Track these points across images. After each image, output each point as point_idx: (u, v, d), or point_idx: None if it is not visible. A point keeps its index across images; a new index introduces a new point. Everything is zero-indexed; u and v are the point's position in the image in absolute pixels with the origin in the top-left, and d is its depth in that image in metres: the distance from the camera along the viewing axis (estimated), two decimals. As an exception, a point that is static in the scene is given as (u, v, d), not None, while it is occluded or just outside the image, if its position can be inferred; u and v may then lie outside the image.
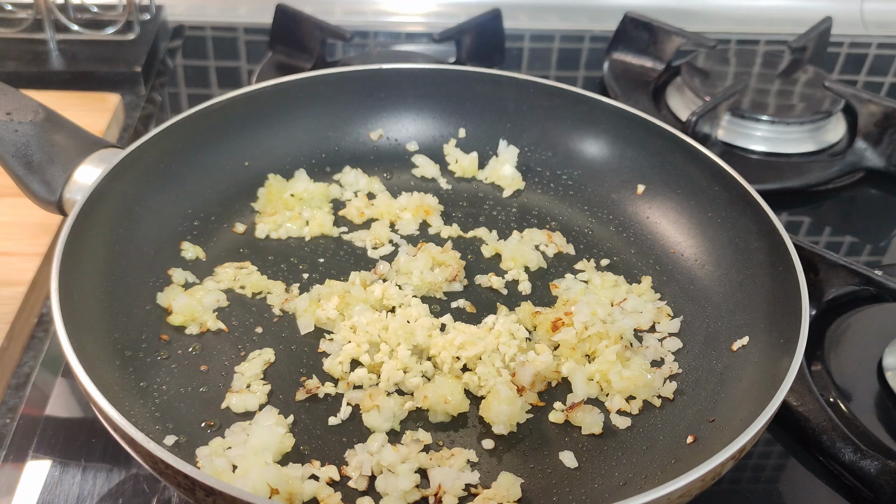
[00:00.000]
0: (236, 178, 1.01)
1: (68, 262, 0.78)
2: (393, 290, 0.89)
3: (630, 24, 1.41)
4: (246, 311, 0.89)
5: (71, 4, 1.37)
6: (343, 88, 1.07)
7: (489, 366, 0.82)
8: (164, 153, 0.95)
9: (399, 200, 1.03)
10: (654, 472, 0.74)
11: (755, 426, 0.68)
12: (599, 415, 0.80)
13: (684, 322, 0.90)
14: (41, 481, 0.79)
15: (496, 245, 0.98)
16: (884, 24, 1.63)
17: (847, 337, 0.96)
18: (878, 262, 1.11)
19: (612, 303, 0.91)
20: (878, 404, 0.89)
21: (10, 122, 0.88)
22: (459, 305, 0.91)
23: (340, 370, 0.82)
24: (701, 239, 0.96)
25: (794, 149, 1.26)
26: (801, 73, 1.36)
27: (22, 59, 1.32)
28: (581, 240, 1.01)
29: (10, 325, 0.90)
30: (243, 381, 0.81)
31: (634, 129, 1.03)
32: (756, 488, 0.83)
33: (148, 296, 0.88)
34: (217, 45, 1.48)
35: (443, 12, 1.57)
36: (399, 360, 0.81)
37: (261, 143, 1.03)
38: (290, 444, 0.75)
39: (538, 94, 1.07)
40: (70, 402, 0.87)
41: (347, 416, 0.79)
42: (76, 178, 0.88)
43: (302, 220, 0.99)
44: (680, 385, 0.83)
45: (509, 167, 1.06)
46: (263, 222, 0.99)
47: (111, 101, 1.24)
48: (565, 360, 0.84)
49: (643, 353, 0.86)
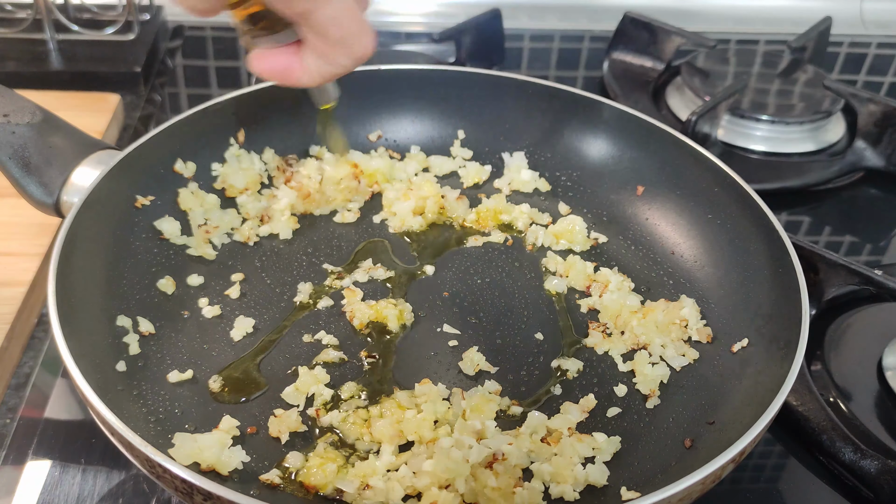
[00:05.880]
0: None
1: (65, 264, 0.78)
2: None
3: (630, 23, 1.41)
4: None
5: (71, 4, 1.37)
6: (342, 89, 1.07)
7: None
8: (162, 154, 0.95)
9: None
10: (653, 475, 0.74)
11: (755, 429, 0.68)
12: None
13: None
14: (41, 482, 0.79)
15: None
16: (884, 24, 1.63)
17: (847, 337, 0.96)
18: (878, 262, 1.11)
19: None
20: (878, 404, 0.89)
21: (7, 124, 0.87)
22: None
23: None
24: (700, 240, 0.96)
25: (794, 149, 1.26)
26: (800, 72, 1.36)
27: (22, 59, 1.32)
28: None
29: (10, 325, 0.90)
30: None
31: (634, 130, 1.03)
32: (756, 488, 0.83)
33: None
34: (217, 46, 1.48)
35: (442, 12, 1.57)
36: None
37: (260, 143, 1.03)
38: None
39: (537, 95, 1.07)
40: (70, 402, 0.87)
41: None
42: (73, 180, 0.88)
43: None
44: (679, 387, 0.83)
45: (526, 171, 1.06)
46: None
47: (111, 101, 1.24)
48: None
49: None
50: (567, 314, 0.91)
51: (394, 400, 0.80)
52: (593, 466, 0.74)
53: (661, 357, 0.86)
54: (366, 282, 0.93)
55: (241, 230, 0.97)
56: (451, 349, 0.86)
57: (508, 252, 0.99)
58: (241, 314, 0.88)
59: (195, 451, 0.70)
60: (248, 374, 0.82)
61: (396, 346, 0.86)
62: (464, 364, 0.84)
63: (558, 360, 0.86)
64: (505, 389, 0.83)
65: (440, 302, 0.92)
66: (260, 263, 0.95)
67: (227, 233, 0.97)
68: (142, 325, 0.84)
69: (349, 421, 0.77)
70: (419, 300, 0.91)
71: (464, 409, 0.79)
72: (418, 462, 0.72)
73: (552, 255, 0.97)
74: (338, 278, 0.93)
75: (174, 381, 0.80)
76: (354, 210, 1.03)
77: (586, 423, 0.79)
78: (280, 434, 0.76)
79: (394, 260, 0.97)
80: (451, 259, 0.97)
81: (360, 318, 0.88)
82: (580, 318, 0.91)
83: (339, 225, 1.01)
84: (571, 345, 0.88)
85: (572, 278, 0.95)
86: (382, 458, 0.73)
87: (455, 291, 0.93)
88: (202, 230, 0.95)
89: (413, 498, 0.71)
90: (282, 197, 1.00)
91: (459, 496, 0.70)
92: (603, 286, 0.93)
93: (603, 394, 0.83)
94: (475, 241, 0.99)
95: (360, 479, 0.71)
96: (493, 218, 1.02)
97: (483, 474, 0.71)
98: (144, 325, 0.84)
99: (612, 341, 0.87)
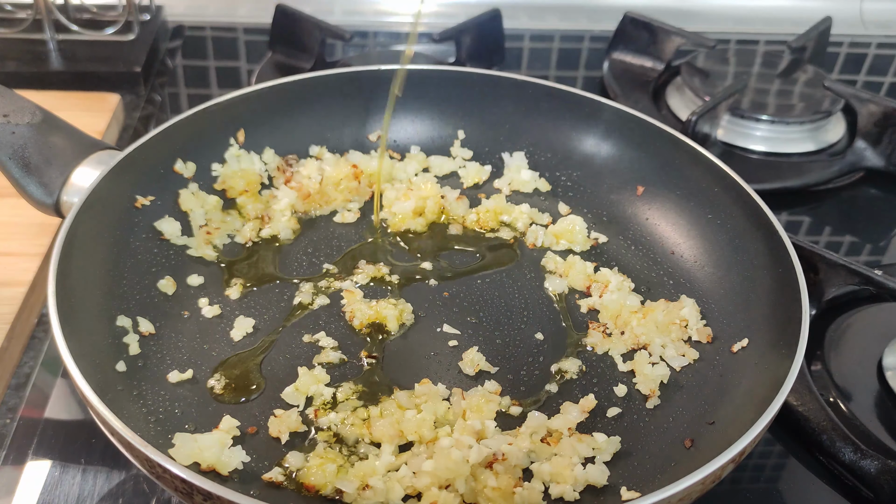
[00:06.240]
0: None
1: (65, 264, 0.78)
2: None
3: (630, 23, 1.41)
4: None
5: (71, 4, 1.37)
6: (342, 89, 1.07)
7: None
8: (162, 154, 0.95)
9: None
10: (653, 475, 0.74)
11: (755, 429, 0.68)
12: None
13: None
14: (41, 482, 0.79)
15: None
16: (884, 24, 1.63)
17: (847, 337, 0.96)
18: (878, 262, 1.11)
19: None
20: (878, 404, 0.89)
21: (7, 125, 0.87)
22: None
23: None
24: (700, 240, 0.96)
25: (794, 149, 1.26)
26: (800, 72, 1.36)
27: (22, 59, 1.32)
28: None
29: (10, 325, 0.90)
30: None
31: (634, 130, 1.03)
32: (756, 488, 0.83)
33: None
34: (217, 46, 1.48)
35: (442, 12, 1.57)
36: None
37: (260, 144, 1.03)
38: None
39: (537, 95, 1.07)
40: (70, 402, 0.87)
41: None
42: (73, 181, 0.88)
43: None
44: (679, 387, 0.83)
45: (526, 171, 1.06)
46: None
47: (111, 101, 1.24)
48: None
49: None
50: (567, 314, 0.91)
51: (394, 400, 0.80)
52: (593, 466, 0.74)
53: (661, 357, 0.86)
54: (365, 282, 0.93)
55: (241, 231, 0.97)
56: (451, 349, 0.86)
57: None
58: (241, 314, 0.88)
59: (195, 451, 0.70)
60: (248, 375, 0.82)
61: (396, 346, 0.86)
62: (464, 364, 0.84)
63: (558, 360, 0.86)
64: (505, 389, 0.83)
65: (440, 302, 0.92)
66: (260, 264, 0.95)
67: (228, 234, 0.97)
68: (142, 326, 0.84)
69: (348, 422, 0.78)
70: (419, 300, 0.91)
71: (464, 409, 0.79)
72: (418, 462, 0.72)
73: (552, 255, 0.97)
74: (337, 279, 0.93)
75: (174, 381, 0.80)
76: (354, 210, 1.03)
77: (586, 423, 0.79)
78: (280, 434, 0.76)
79: (393, 260, 0.97)
80: (451, 259, 0.97)
81: (359, 318, 0.88)
82: (580, 318, 0.91)
83: (339, 225, 1.01)
84: (571, 345, 0.88)
85: (572, 278, 0.95)
86: (382, 458, 0.73)
87: (455, 291, 0.93)
88: (203, 231, 0.95)
89: (413, 498, 0.71)
90: (282, 197, 1.00)
91: (459, 496, 0.70)
92: (603, 286, 0.93)
93: (603, 394, 0.83)
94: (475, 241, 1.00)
95: (359, 479, 0.72)
96: (493, 218, 1.02)
97: (483, 474, 0.71)
98: (144, 325, 0.84)
99: (612, 341, 0.87)
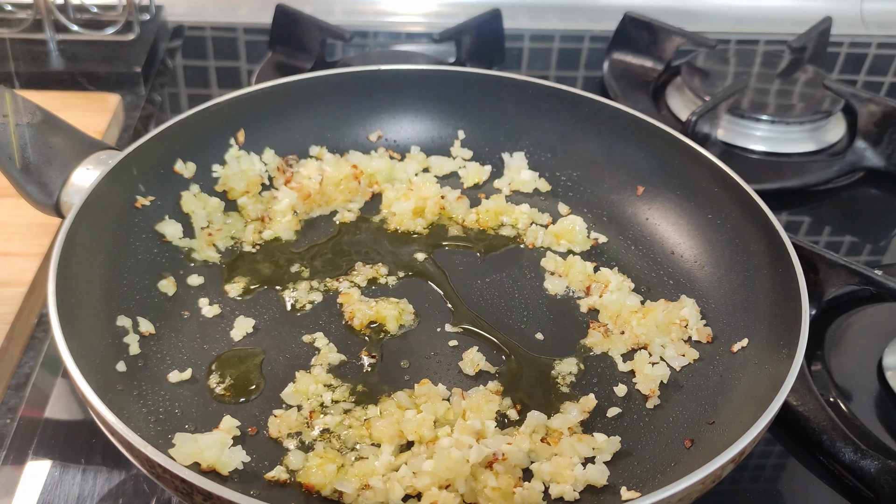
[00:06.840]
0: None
1: (65, 264, 0.78)
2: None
3: (630, 23, 1.41)
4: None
5: (71, 4, 1.37)
6: (342, 89, 1.07)
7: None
8: (162, 155, 0.95)
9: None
10: (653, 475, 0.74)
11: (755, 429, 0.68)
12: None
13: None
14: (41, 482, 0.79)
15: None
16: (884, 24, 1.63)
17: (847, 337, 0.96)
18: (878, 262, 1.11)
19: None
20: (878, 404, 0.89)
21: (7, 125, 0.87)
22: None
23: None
24: (700, 240, 0.96)
25: (794, 149, 1.26)
26: (800, 72, 1.36)
27: (22, 60, 1.32)
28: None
29: (10, 325, 0.90)
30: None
31: (634, 130, 1.03)
32: (756, 488, 0.83)
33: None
34: (217, 46, 1.48)
35: (442, 12, 1.57)
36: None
37: (260, 144, 1.03)
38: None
39: (537, 95, 1.07)
40: (70, 402, 0.87)
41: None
42: (73, 181, 0.88)
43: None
44: (679, 387, 0.83)
45: (526, 171, 1.06)
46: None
47: (111, 101, 1.24)
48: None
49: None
50: (567, 314, 0.91)
51: (394, 400, 0.80)
52: (593, 466, 0.74)
53: (661, 357, 0.86)
54: (365, 282, 0.93)
55: (244, 236, 0.97)
56: (451, 349, 0.86)
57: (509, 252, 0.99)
58: (241, 314, 0.88)
59: (195, 452, 0.70)
60: (248, 375, 0.82)
61: (396, 346, 0.87)
62: (464, 364, 0.84)
63: (558, 360, 0.86)
64: (505, 390, 0.83)
65: (440, 302, 0.92)
66: (260, 263, 0.95)
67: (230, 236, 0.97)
68: (142, 326, 0.84)
69: (346, 423, 0.78)
70: (419, 300, 0.91)
71: (464, 409, 0.79)
72: (418, 462, 0.72)
73: (552, 255, 0.97)
74: (337, 279, 0.93)
75: (174, 381, 0.80)
76: (354, 210, 1.03)
77: (586, 423, 0.80)
78: (280, 434, 0.76)
79: (393, 260, 0.97)
80: (451, 259, 0.97)
81: (359, 318, 0.88)
82: (580, 318, 0.91)
83: (340, 225, 1.01)
84: (571, 345, 0.88)
85: (572, 278, 0.94)
86: (382, 458, 0.73)
87: (455, 291, 0.93)
88: (205, 233, 0.95)
89: (413, 498, 0.71)
90: (282, 198, 1.00)
91: (459, 496, 0.70)
92: (603, 286, 0.93)
93: (603, 394, 0.83)
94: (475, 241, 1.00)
95: (359, 479, 0.72)
96: (493, 218, 1.02)
97: (483, 474, 0.71)
98: (144, 325, 0.84)
99: (612, 341, 0.87)
